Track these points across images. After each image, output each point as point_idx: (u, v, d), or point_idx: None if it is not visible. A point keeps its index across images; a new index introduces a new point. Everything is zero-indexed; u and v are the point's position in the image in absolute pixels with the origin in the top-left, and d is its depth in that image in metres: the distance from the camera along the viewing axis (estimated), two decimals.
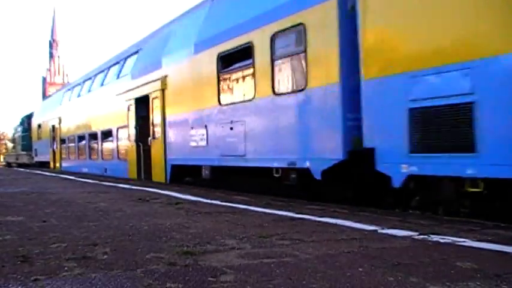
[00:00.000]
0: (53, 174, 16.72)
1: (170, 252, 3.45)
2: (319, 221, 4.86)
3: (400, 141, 5.39)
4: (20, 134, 30.61)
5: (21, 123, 30.52)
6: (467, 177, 4.84)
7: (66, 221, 5.10)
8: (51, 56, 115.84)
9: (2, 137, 69.62)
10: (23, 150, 29.11)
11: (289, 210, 5.64)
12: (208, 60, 9.19)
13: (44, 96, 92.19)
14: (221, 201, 6.74)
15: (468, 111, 4.76)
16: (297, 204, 6.35)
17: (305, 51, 6.78)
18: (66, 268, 3.04)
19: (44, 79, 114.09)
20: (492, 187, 4.76)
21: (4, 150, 35.00)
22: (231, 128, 8.40)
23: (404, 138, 5.34)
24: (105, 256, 3.38)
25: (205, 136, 9.28)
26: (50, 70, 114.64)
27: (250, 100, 7.97)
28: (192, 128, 9.76)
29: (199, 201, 6.86)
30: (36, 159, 25.52)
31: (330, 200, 6.67)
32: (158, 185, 10.11)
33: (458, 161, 4.86)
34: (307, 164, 6.72)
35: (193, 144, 9.70)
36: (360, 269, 2.93)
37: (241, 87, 8.36)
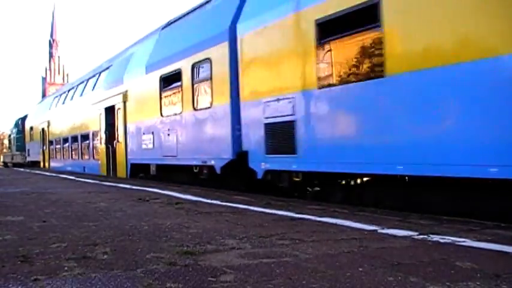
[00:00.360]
0: (53, 174, 16.72)
1: (170, 252, 3.45)
2: (319, 221, 4.86)
3: (261, 146, 7.78)
4: (14, 135, 33.24)
5: (16, 125, 33.09)
6: (293, 171, 7.33)
7: (66, 221, 5.11)
8: (51, 55, 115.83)
9: (1, 137, 69.71)
10: (17, 150, 31.63)
11: (289, 210, 5.64)
12: (154, 80, 11.68)
13: (44, 96, 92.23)
14: (221, 201, 6.75)
15: (292, 126, 7.11)
16: (297, 204, 6.35)
17: (211, 78, 9.19)
18: (66, 268, 3.04)
19: (44, 79, 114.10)
20: (307, 177, 7.29)
21: (5, 150, 36.02)
22: (168, 135, 10.88)
23: (262, 144, 7.74)
24: (105, 256, 3.38)
25: (152, 140, 11.78)
26: (49, 70, 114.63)
27: (179, 113, 10.42)
28: (143, 133, 12.26)
29: (199, 201, 6.86)
30: (28, 158, 27.77)
31: (229, 187, 9.03)
32: (158, 185, 10.11)
33: (288, 160, 7.21)
34: (212, 162, 9.10)
35: (144, 147, 12.22)
36: (360, 269, 2.93)
37: (174, 103, 10.74)
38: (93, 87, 17.02)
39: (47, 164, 23.45)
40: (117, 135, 14.05)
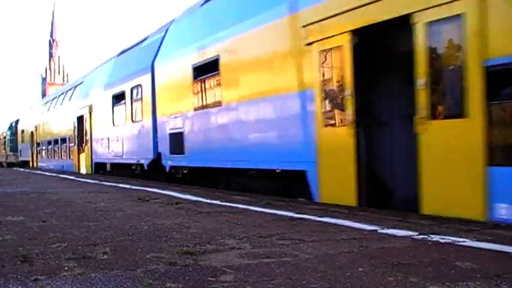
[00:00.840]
0: (53, 174, 16.73)
1: (170, 252, 3.46)
2: (319, 221, 4.86)
3: (167, 149, 11.11)
4: (8, 137, 37.02)
5: (10, 128, 36.87)
6: (183, 166, 10.66)
7: (66, 221, 5.11)
8: (51, 55, 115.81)
9: (1, 137, 69.98)
10: (11, 151, 35.40)
11: (289, 210, 5.64)
12: (109, 97, 14.96)
13: (43, 96, 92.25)
14: (221, 201, 6.75)
15: (182, 136, 10.38)
16: (297, 204, 6.36)
17: (142, 99, 12.59)
18: (66, 268, 3.04)
19: (44, 79, 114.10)
20: (192, 171, 10.45)
21: (3, 151, 37.81)
22: (117, 140, 14.35)
23: (167, 148, 11.09)
24: (105, 256, 3.38)
25: (107, 144, 15.12)
26: (49, 70, 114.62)
27: (124, 124, 13.89)
28: (102, 139, 15.66)
29: (199, 201, 6.86)
30: (20, 158, 31.10)
31: (152, 178, 12.21)
32: (158, 185, 10.12)
33: (180, 158, 10.51)
34: (142, 161, 12.62)
35: (102, 149, 15.64)
36: (360, 269, 2.93)
37: (121, 116, 14.10)
38: (70, 99, 20.38)
39: (35, 164, 26.79)
40: (85, 139, 17.59)
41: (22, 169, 25.01)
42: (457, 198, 4.99)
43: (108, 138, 15.04)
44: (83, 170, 17.76)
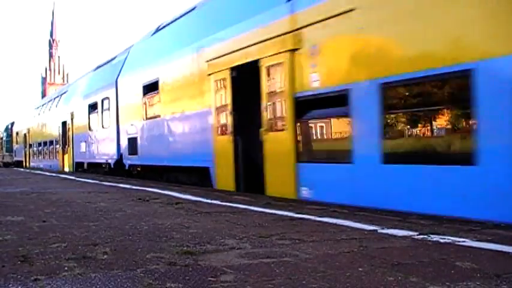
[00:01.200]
0: (53, 174, 16.74)
1: (170, 252, 3.46)
2: (319, 221, 4.86)
3: (126, 151, 13.74)
4: (5, 138, 40.37)
5: (6, 130, 40.33)
6: (137, 164, 13.68)
7: (66, 221, 5.11)
8: (51, 55, 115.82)
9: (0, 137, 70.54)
10: (6, 151, 38.34)
11: (289, 210, 5.64)
12: (86, 106, 17.66)
13: (43, 96, 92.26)
14: (221, 201, 6.75)
15: (136, 140, 12.97)
16: (297, 204, 6.36)
17: (109, 109, 15.21)
18: (66, 268, 3.04)
19: (44, 79, 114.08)
20: (144, 168, 13.31)
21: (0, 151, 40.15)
22: (92, 143, 17.03)
23: (127, 150, 13.70)
24: (105, 256, 3.38)
25: (84, 146, 17.88)
26: (49, 70, 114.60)
27: (97, 130, 16.58)
28: (81, 142, 18.36)
29: (199, 201, 6.86)
30: (15, 158, 34.11)
31: (117, 174, 14.54)
32: (158, 185, 10.12)
33: (135, 158, 13.22)
34: (109, 161, 15.26)
35: (81, 150, 18.37)
36: (360, 269, 2.93)
37: (95, 122, 16.75)
38: (56, 105, 22.90)
39: (28, 163, 29.25)
40: (68, 142, 20.25)
41: (22, 169, 25.13)
42: (282, 183, 7.43)
43: (86, 141, 17.82)
44: (66, 169, 20.66)
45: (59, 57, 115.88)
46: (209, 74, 9.40)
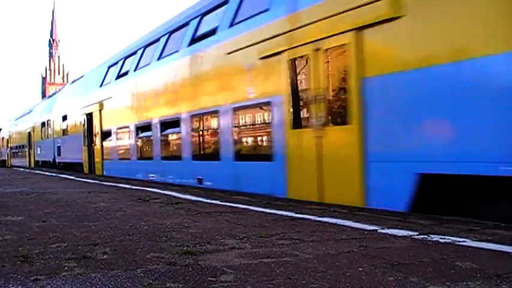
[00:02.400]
0: (53, 174, 16.73)
1: (170, 252, 3.46)
2: (319, 221, 4.86)
3: (56, 154, 22.39)
4: None
5: None
6: (59, 161, 22.15)
7: (66, 221, 5.11)
8: (50, 55, 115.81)
9: None
10: None
11: (289, 210, 5.64)
12: (40, 123, 25.15)
13: (43, 96, 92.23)
14: (221, 201, 6.75)
15: (53, 144, 22.47)
16: (297, 204, 6.35)
17: (47, 127, 23.45)
18: (66, 268, 3.04)
19: (44, 79, 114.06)
20: (63, 164, 21.55)
21: None
22: (42, 148, 24.20)
23: (56, 153, 22.08)
24: (105, 256, 3.38)
25: (39, 150, 24.93)
26: (49, 70, 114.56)
27: (42, 139, 24.87)
28: (37, 147, 25.20)
29: (199, 201, 6.86)
30: (1, 158, 40.53)
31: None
32: (158, 185, 10.11)
33: (59, 157, 22.03)
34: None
35: (38, 152, 25.58)
36: (360, 269, 2.93)
37: (42, 134, 24.76)
38: (24, 121, 31.19)
39: (9, 162, 36.63)
40: (31, 146, 28.34)
41: (22, 169, 25.19)
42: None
43: (40, 146, 25.97)
44: (32, 165, 28.11)
45: (59, 57, 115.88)
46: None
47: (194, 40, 9.99)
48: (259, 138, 8.48)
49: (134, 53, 13.75)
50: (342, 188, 6.24)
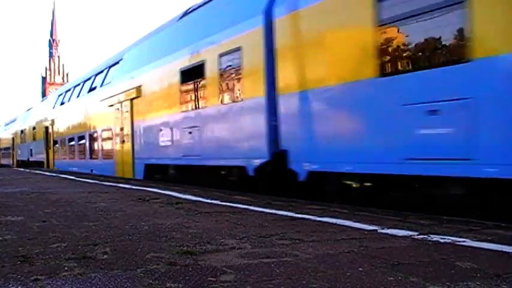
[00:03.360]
0: (53, 174, 16.73)
1: (170, 252, 3.46)
2: (319, 221, 4.86)
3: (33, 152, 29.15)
4: None
5: None
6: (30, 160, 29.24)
7: (66, 221, 5.11)
8: (50, 55, 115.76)
9: None
10: None
11: (289, 210, 5.64)
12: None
13: (43, 96, 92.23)
14: (221, 201, 6.75)
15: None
16: (297, 204, 6.36)
17: (25, 134, 30.63)
18: (66, 268, 3.04)
19: (44, 79, 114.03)
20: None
21: None
22: (20, 151, 32.36)
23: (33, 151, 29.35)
24: (105, 256, 3.38)
25: (20, 152, 31.96)
26: (49, 70, 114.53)
27: (34, 141, 28.07)
28: (18, 149, 32.37)
29: (199, 201, 6.86)
30: None
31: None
32: (158, 185, 10.12)
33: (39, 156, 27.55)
34: (36, 159, 27.05)
35: (18, 153, 32.44)
36: (360, 269, 2.93)
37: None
38: (7, 129, 38.55)
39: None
40: (14, 148, 33.63)
41: (22, 169, 25.20)
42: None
43: (20, 149, 31.62)
44: (14, 164, 32.86)
45: (58, 57, 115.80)
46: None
47: (90, 90, 18.20)
48: (104, 148, 16.33)
49: (68, 90, 22.42)
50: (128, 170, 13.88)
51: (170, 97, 11.09)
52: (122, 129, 14.39)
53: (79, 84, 20.61)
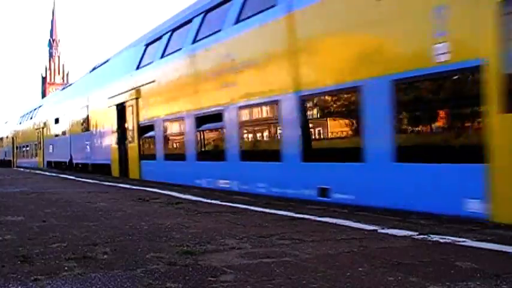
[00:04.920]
0: (53, 174, 16.74)
1: (170, 252, 3.46)
2: (319, 221, 4.86)
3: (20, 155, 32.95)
4: None
5: None
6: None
7: (66, 221, 5.10)
8: (50, 55, 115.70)
9: None
10: None
11: (289, 210, 5.64)
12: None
13: (43, 96, 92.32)
14: (221, 201, 6.74)
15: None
16: (297, 204, 6.35)
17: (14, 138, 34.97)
18: (66, 268, 3.04)
19: (44, 79, 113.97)
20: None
21: None
22: (6, 151, 37.57)
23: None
24: (105, 256, 3.38)
25: (4, 154, 38.59)
26: (49, 69, 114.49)
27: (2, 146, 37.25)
28: (5, 151, 38.45)
29: (200, 201, 6.86)
30: None
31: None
32: (158, 185, 10.11)
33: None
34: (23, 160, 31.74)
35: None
36: (360, 269, 2.93)
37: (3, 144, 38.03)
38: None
39: None
40: (2, 150, 38.17)
41: (22, 169, 25.21)
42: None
43: (5, 152, 36.20)
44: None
45: (59, 57, 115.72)
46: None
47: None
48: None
49: (41, 106, 27.75)
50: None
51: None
52: None
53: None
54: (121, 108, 13.97)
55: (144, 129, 12.57)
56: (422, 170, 5.32)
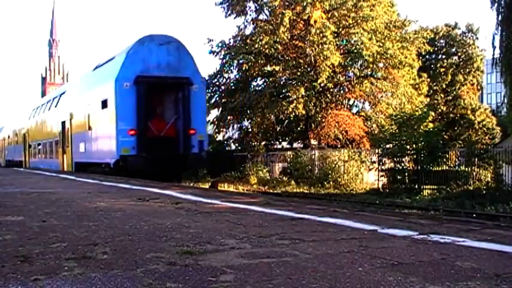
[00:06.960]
0: (53, 174, 16.74)
1: (170, 252, 3.46)
2: (319, 221, 4.86)
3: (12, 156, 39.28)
4: None
5: None
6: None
7: (66, 221, 5.11)
8: (50, 55, 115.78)
9: None
10: None
11: (289, 210, 5.64)
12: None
13: (43, 96, 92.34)
14: (221, 201, 6.75)
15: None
16: (297, 204, 6.36)
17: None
18: (66, 268, 3.04)
19: (44, 79, 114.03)
20: None
21: None
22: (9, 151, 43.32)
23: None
24: (105, 256, 3.38)
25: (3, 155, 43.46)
26: (49, 70, 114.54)
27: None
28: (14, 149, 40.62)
29: (200, 201, 6.86)
30: None
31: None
32: (158, 185, 10.12)
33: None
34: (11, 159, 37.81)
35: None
36: (360, 269, 2.93)
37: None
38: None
39: None
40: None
41: (22, 169, 25.26)
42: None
43: (1, 151, 40.84)
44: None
45: (59, 57, 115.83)
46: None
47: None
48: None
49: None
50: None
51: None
52: None
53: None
54: None
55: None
56: None
